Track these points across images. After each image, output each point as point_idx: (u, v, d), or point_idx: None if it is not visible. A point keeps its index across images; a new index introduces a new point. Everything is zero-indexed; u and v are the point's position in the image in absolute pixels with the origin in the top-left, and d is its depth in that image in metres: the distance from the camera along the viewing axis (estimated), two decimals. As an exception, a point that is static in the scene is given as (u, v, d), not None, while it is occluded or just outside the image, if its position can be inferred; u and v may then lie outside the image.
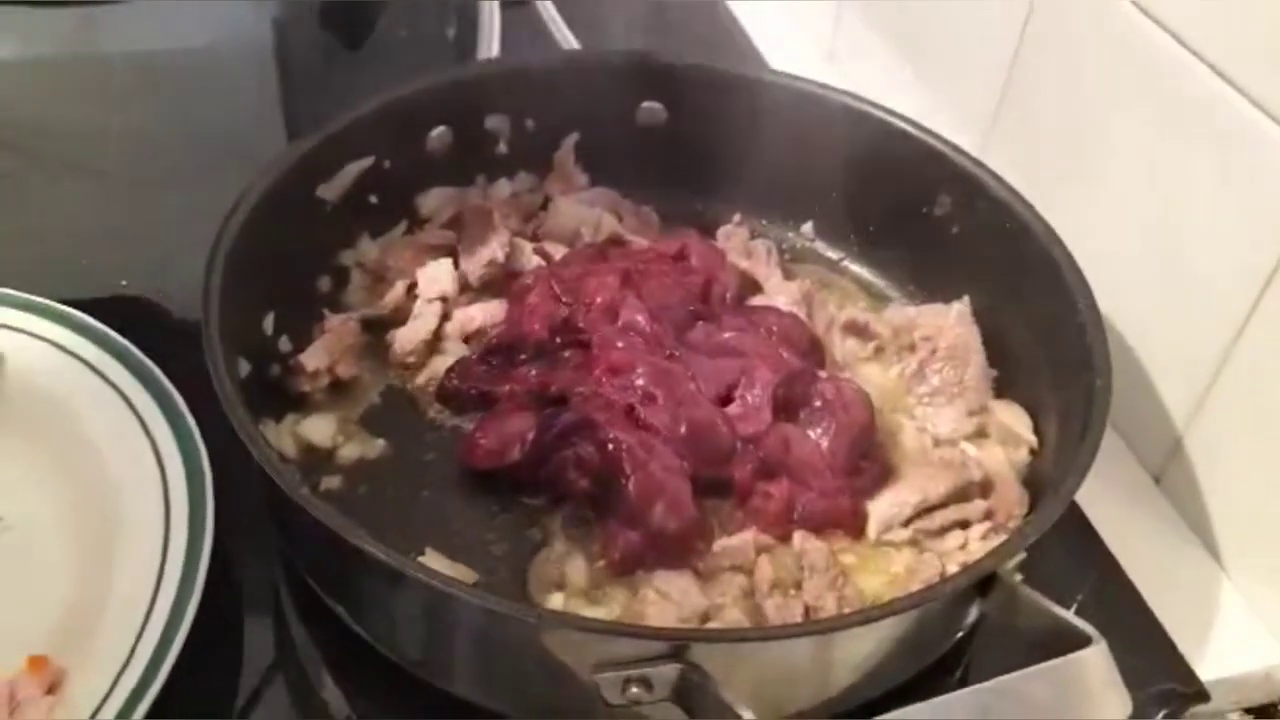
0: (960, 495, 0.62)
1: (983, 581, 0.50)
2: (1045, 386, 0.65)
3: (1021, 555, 0.52)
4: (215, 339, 0.55)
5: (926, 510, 0.62)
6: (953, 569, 0.58)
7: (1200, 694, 0.59)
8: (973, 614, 0.53)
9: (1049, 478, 0.60)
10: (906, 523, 0.61)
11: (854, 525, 0.61)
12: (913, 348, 0.70)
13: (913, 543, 0.61)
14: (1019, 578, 0.51)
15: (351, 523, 0.49)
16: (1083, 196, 0.71)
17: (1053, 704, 0.43)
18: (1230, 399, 0.64)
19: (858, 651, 0.49)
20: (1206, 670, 0.60)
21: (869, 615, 0.47)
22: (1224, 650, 0.62)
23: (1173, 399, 0.68)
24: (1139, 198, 0.67)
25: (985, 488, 0.63)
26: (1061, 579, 0.62)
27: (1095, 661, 0.44)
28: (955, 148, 0.70)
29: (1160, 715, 0.58)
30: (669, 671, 0.45)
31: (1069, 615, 0.46)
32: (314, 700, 0.55)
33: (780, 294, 0.73)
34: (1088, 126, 0.71)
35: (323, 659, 0.56)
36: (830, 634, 0.47)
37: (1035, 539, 0.51)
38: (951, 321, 0.70)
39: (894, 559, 0.61)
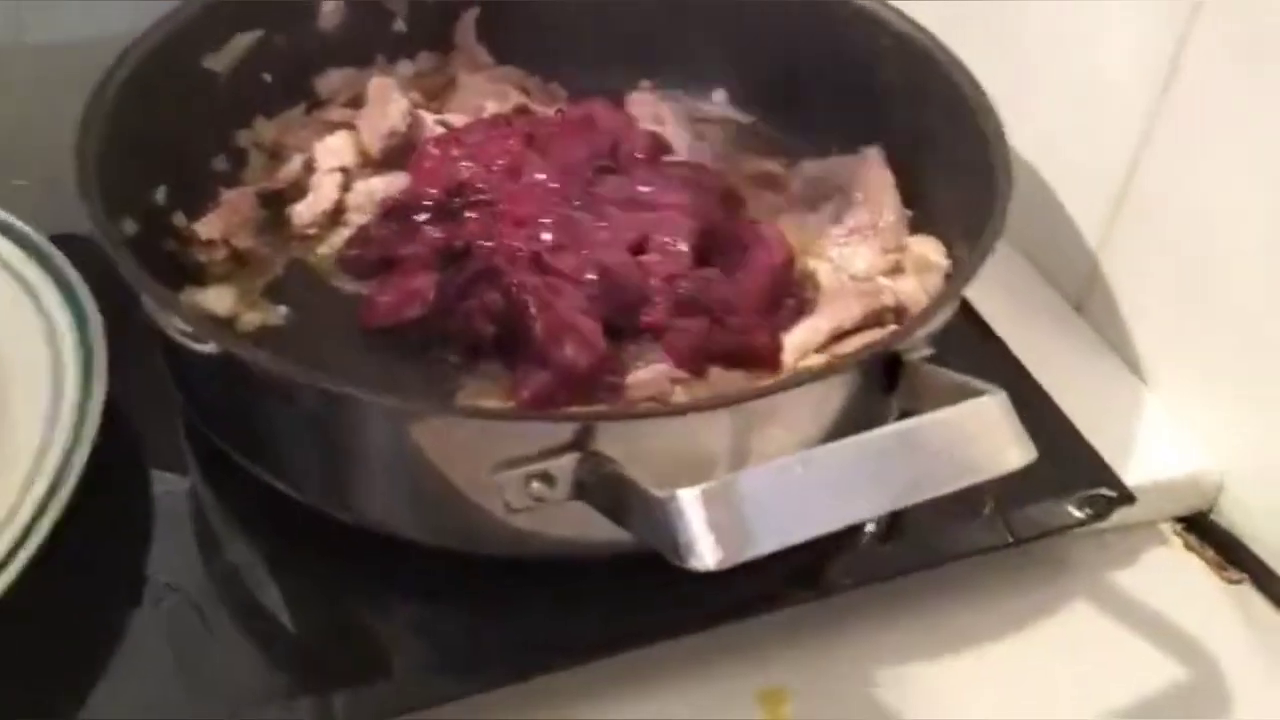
0: (874, 320, 0.62)
1: (890, 367, 0.49)
2: (957, 215, 0.65)
3: (930, 349, 0.52)
4: (94, 193, 0.54)
5: (841, 335, 0.61)
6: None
7: (1126, 496, 0.59)
8: (891, 408, 0.53)
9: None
10: (821, 348, 0.61)
11: (771, 358, 0.61)
12: (828, 196, 0.70)
13: (829, 369, 0.60)
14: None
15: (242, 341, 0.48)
16: (990, 21, 0.71)
17: (953, 449, 0.43)
18: (1139, 216, 0.65)
19: (769, 433, 0.48)
20: (1132, 478, 0.60)
21: (771, 388, 0.46)
22: (1150, 459, 0.62)
23: (1085, 224, 0.68)
24: (1041, 13, 0.67)
25: (899, 313, 0.63)
26: None
27: (994, 409, 0.44)
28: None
29: (1085, 514, 0.58)
30: (570, 462, 0.45)
31: (970, 378, 0.46)
32: (219, 547, 0.54)
33: (693, 155, 0.73)
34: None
35: (225, 505, 0.55)
36: (734, 407, 0.46)
37: (939, 321, 0.50)
38: (864, 167, 0.70)
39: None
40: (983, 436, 0.43)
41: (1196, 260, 0.62)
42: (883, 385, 0.50)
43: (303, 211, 0.67)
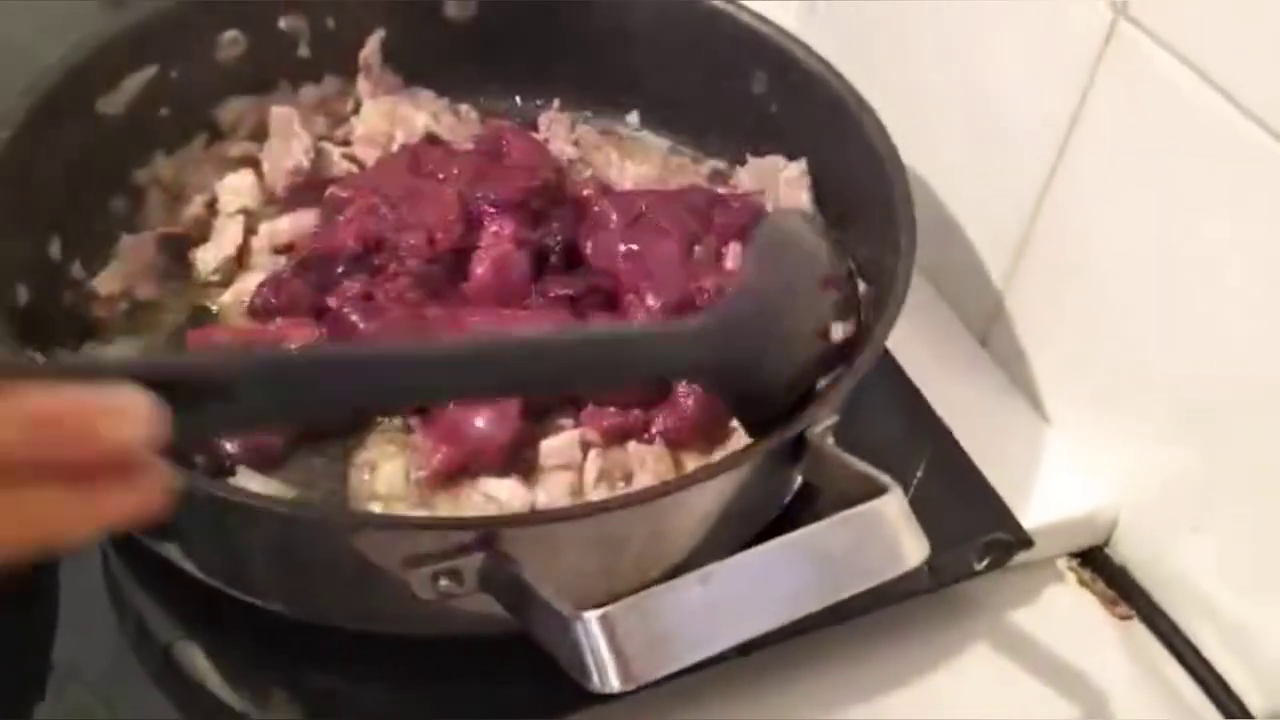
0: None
1: (795, 444, 0.50)
2: (866, 255, 0.66)
3: (835, 417, 0.53)
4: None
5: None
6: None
7: (1024, 541, 0.61)
8: (794, 481, 0.54)
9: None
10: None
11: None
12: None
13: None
14: (830, 440, 0.51)
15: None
16: (897, 59, 0.72)
17: (849, 554, 0.44)
18: (1042, 256, 0.66)
19: (673, 526, 0.49)
20: (1032, 519, 0.62)
21: (667, 489, 0.47)
22: (1049, 499, 0.64)
23: (991, 261, 0.70)
24: (947, 56, 0.69)
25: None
26: (890, 446, 0.63)
27: (890, 508, 0.45)
28: (764, 20, 0.70)
29: (984, 563, 0.60)
30: (476, 561, 0.45)
31: (867, 466, 0.47)
32: (130, 625, 0.55)
33: (626, 178, 0.73)
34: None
35: (138, 582, 0.56)
36: (628, 510, 0.47)
37: (842, 399, 0.51)
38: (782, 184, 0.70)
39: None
40: (879, 539, 0.45)
41: (1094, 301, 0.63)
42: (787, 461, 0.51)
43: (207, 256, 0.66)
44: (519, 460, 0.57)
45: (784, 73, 0.69)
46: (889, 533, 0.45)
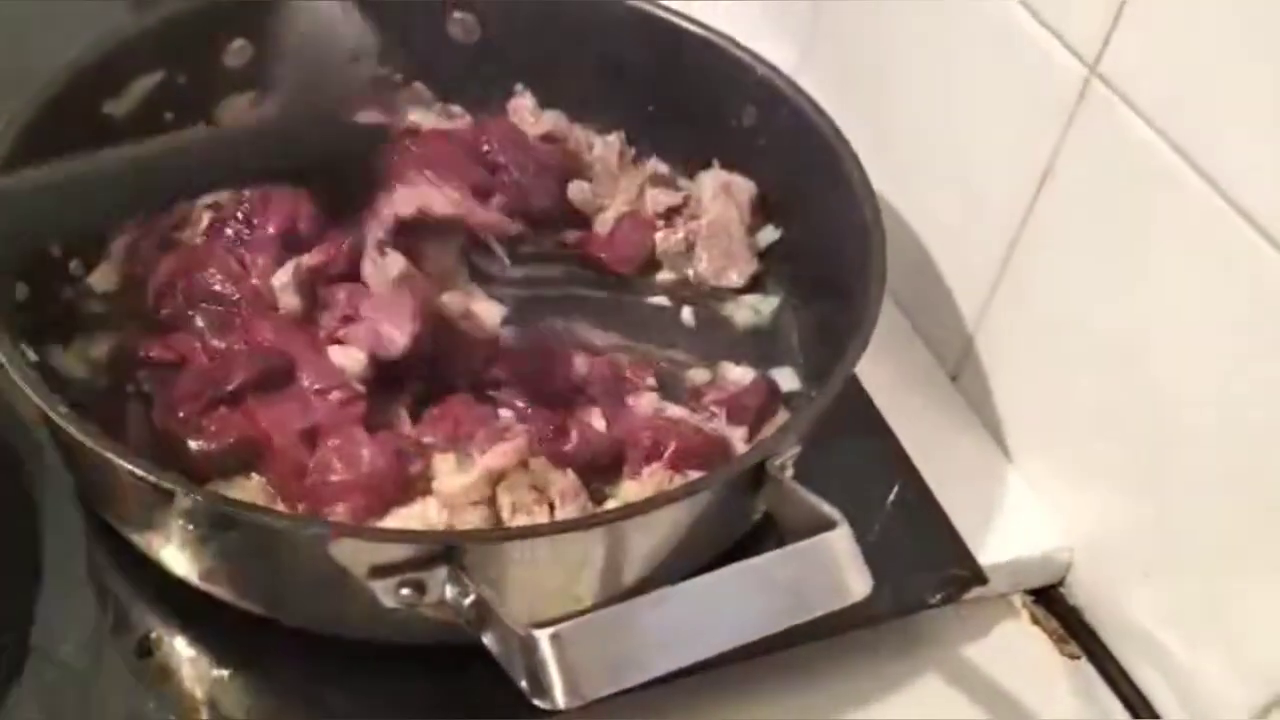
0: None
1: (755, 474, 0.53)
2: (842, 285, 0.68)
3: (796, 449, 0.55)
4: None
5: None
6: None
7: (979, 577, 0.64)
8: (755, 508, 0.57)
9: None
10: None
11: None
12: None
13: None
14: (789, 472, 0.54)
15: (108, 440, 0.50)
16: (883, 106, 0.75)
17: (796, 584, 0.47)
18: (1013, 298, 0.69)
19: (633, 548, 0.52)
20: (989, 556, 0.65)
21: (629, 511, 0.50)
22: (1007, 537, 0.67)
23: (965, 301, 0.72)
24: (929, 105, 0.72)
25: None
26: (856, 477, 0.67)
27: (838, 543, 0.48)
28: (757, 56, 0.73)
29: (939, 596, 0.63)
30: (438, 574, 0.48)
31: (818, 500, 0.50)
32: (115, 613, 0.57)
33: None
34: (889, 38, 0.74)
35: (121, 572, 0.58)
36: (589, 530, 0.50)
37: (804, 430, 0.54)
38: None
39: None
40: (826, 571, 0.47)
41: (1060, 348, 0.66)
42: (747, 489, 0.54)
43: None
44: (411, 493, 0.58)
45: (775, 107, 0.72)
46: (835, 567, 0.48)
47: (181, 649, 0.56)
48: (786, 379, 0.69)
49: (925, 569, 0.64)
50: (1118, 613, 0.65)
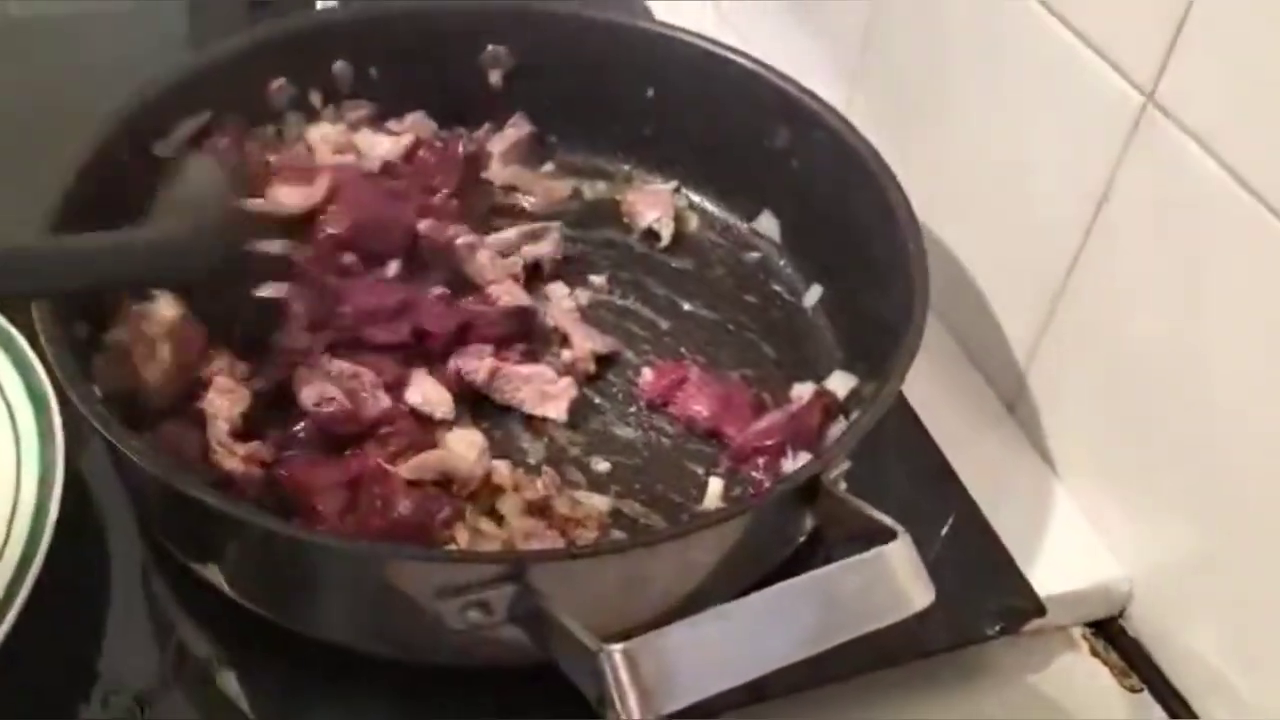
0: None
1: (808, 488, 0.54)
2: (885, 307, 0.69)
3: (847, 464, 0.57)
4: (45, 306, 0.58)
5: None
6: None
7: (1038, 608, 0.65)
8: (807, 523, 0.58)
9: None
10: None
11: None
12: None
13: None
14: (843, 485, 0.55)
15: (171, 465, 0.52)
16: (935, 136, 0.77)
17: (858, 596, 0.48)
18: (1068, 327, 0.70)
19: (693, 563, 0.53)
20: (1047, 587, 0.66)
21: (690, 528, 0.51)
22: (1065, 569, 0.68)
23: (1019, 329, 0.74)
24: (983, 134, 0.73)
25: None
26: (911, 507, 0.66)
27: (899, 554, 0.49)
28: (787, 78, 0.75)
29: (997, 628, 0.63)
30: (504, 594, 0.49)
31: (877, 513, 0.51)
32: (170, 644, 0.59)
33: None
34: (941, 66, 0.77)
35: (179, 602, 0.60)
36: (652, 547, 0.52)
37: (855, 444, 0.56)
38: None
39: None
40: (888, 583, 0.49)
41: (1118, 377, 0.67)
42: (801, 503, 0.56)
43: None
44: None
45: (809, 131, 0.74)
46: (898, 577, 0.49)
47: (243, 675, 0.58)
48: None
49: (983, 599, 0.65)
50: (1179, 645, 0.65)
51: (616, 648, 0.44)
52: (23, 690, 0.55)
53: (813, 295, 0.76)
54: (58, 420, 0.61)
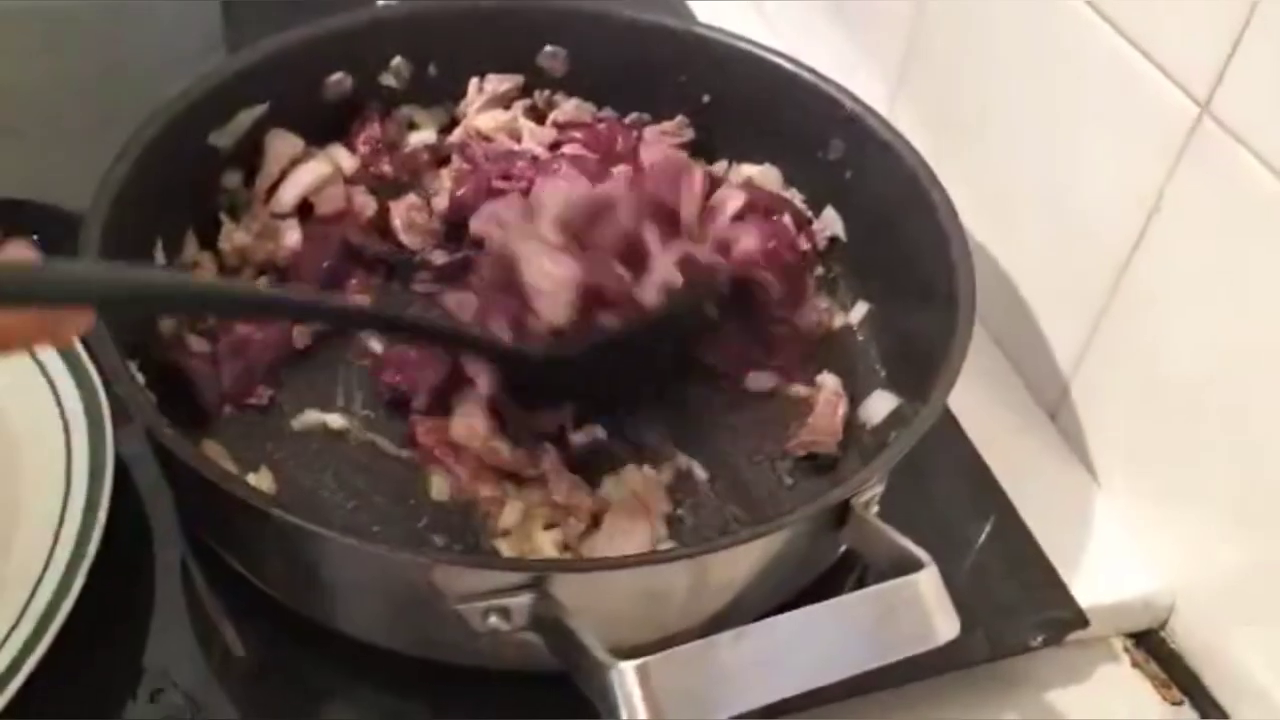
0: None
1: (839, 511, 0.55)
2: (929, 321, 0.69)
3: (880, 487, 0.57)
4: (106, 337, 0.59)
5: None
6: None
7: (1080, 619, 0.65)
8: (837, 546, 0.58)
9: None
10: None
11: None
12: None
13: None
14: (875, 509, 0.56)
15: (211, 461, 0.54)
16: (980, 140, 0.77)
17: (881, 625, 0.48)
18: (1114, 338, 0.70)
19: (716, 581, 0.54)
20: (1088, 598, 0.66)
21: (715, 546, 0.52)
22: (1107, 580, 0.68)
23: (1064, 340, 0.74)
24: (1031, 141, 0.73)
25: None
26: (953, 515, 0.69)
27: (925, 584, 0.49)
28: (844, 90, 0.75)
29: (1038, 640, 0.63)
30: (525, 602, 0.51)
31: (905, 540, 0.51)
32: (216, 641, 0.61)
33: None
34: (987, 72, 0.76)
35: (221, 599, 0.62)
36: (675, 563, 0.52)
37: (888, 468, 0.56)
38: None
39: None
40: (912, 613, 0.49)
41: (1164, 388, 0.67)
42: (831, 526, 0.56)
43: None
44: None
45: (862, 143, 0.74)
46: (922, 608, 0.49)
47: (285, 671, 0.60)
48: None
49: (1024, 610, 0.65)
50: (1221, 657, 0.65)
51: (630, 664, 0.45)
52: (72, 687, 0.57)
53: (859, 311, 0.76)
54: (107, 412, 0.63)
